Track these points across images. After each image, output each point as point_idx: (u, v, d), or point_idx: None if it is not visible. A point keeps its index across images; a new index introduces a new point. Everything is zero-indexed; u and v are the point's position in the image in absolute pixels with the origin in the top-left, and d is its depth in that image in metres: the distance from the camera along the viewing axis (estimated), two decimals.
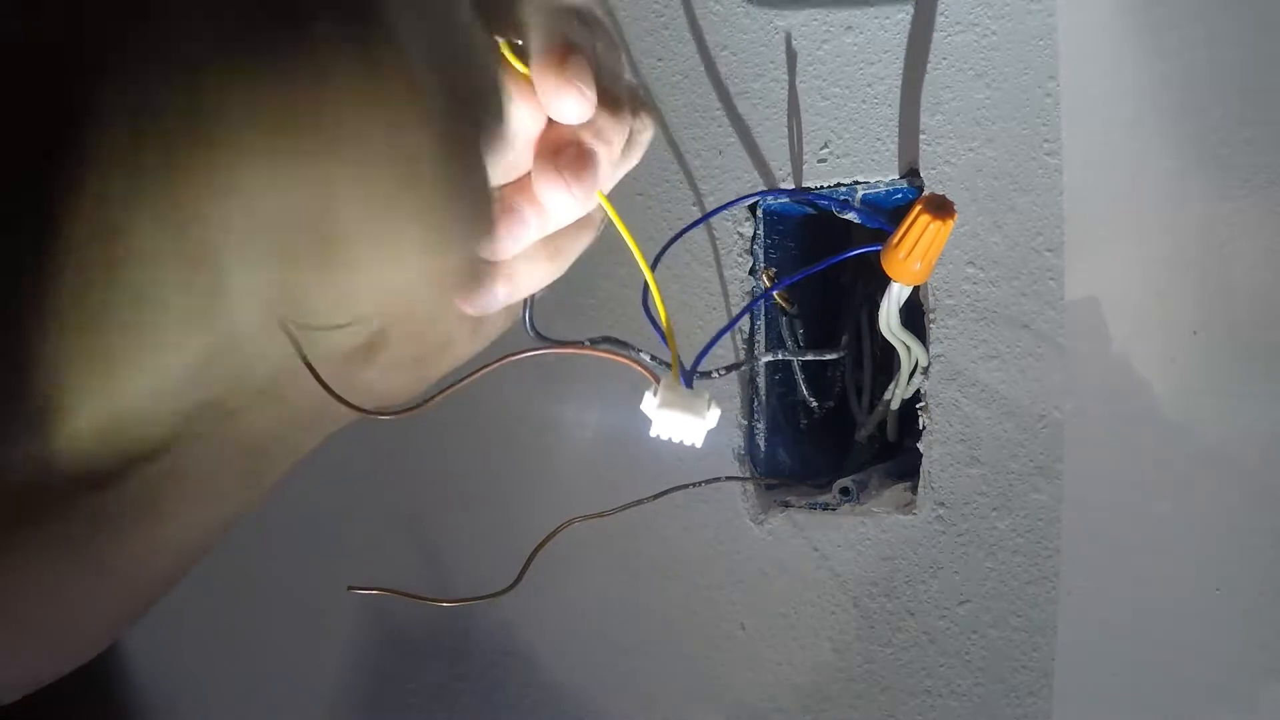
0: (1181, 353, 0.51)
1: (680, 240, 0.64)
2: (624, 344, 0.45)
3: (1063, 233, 0.53)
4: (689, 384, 0.35)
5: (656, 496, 0.37)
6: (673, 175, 0.64)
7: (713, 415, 0.34)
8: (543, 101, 0.31)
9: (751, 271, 0.62)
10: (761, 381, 0.62)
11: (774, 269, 0.62)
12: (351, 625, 0.82)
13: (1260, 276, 0.49)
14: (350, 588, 0.41)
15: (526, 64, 0.31)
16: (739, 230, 0.62)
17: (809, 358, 0.60)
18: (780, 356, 0.60)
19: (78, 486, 0.38)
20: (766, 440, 0.63)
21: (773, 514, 0.62)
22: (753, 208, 0.62)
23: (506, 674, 0.74)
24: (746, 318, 0.62)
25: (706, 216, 0.61)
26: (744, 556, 0.63)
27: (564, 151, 0.32)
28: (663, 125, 0.65)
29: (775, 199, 0.61)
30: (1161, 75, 0.51)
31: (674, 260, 0.65)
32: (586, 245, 0.37)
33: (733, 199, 0.62)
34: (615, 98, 0.32)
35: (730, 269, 0.63)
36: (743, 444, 0.63)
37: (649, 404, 0.34)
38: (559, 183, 0.31)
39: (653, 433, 0.34)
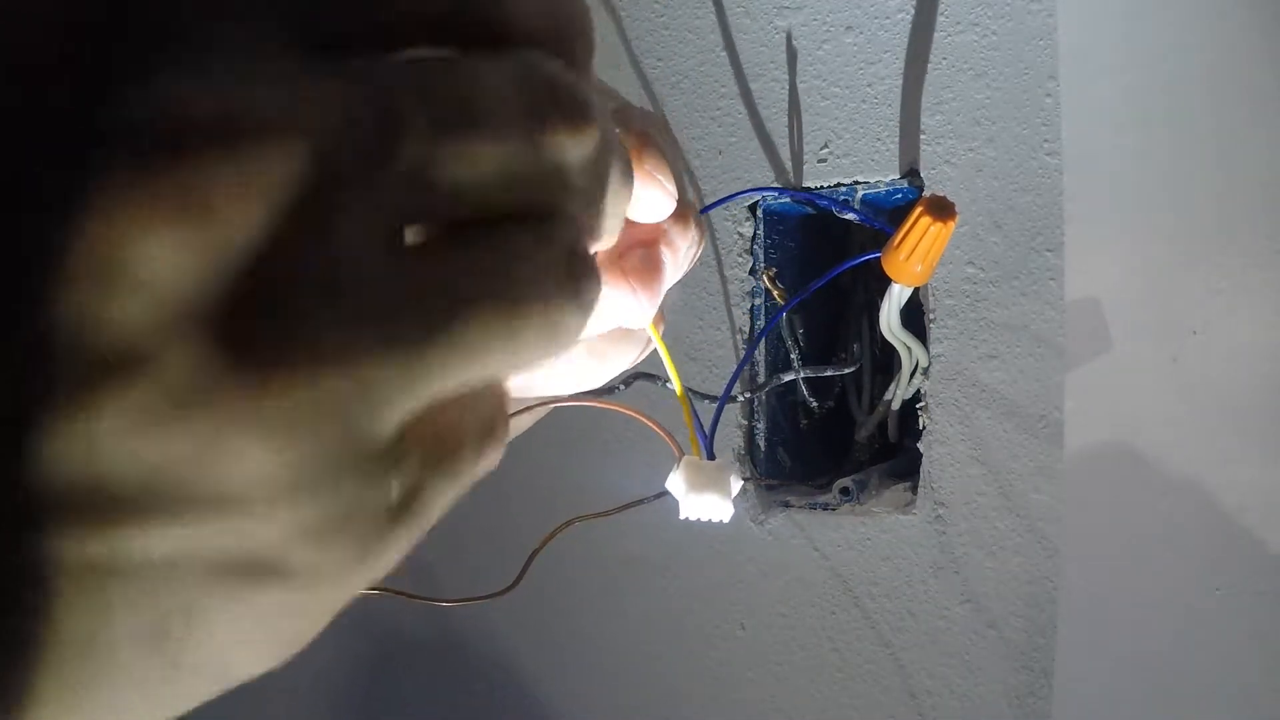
0: (1182, 353, 0.51)
1: None
2: (652, 377, 0.47)
3: (1063, 233, 0.53)
4: (710, 454, 0.34)
5: (657, 496, 0.37)
6: None
7: (735, 486, 0.33)
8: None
9: (751, 271, 0.62)
10: (761, 382, 0.62)
11: (774, 269, 0.62)
12: (351, 625, 0.82)
13: (1261, 276, 0.49)
14: None
15: None
16: (739, 230, 0.62)
17: (828, 373, 0.60)
18: (795, 375, 0.60)
19: None
20: (766, 440, 0.63)
21: (773, 514, 0.62)
22: (753, 207, 0.62)
23: (505, 674, 0.74)
24: (747, 319, 0.62)
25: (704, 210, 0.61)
26: (744, 556, 0.63)
27: (629, 254, 0.28)
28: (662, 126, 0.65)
29: (776, 198, 0.61)
30: (1162, 75, 0.51)
31: None
32: (632, 361, 0.34)
33: (731, 195, 0.62)
34: (685, 204, 0.29)
35: (730, 269, 0.63)
36: (743, 444, 0.63)
37: (675, 485, 0.33)
38: (624, 286, 0.28)
39: (681, 515, 0.33)
